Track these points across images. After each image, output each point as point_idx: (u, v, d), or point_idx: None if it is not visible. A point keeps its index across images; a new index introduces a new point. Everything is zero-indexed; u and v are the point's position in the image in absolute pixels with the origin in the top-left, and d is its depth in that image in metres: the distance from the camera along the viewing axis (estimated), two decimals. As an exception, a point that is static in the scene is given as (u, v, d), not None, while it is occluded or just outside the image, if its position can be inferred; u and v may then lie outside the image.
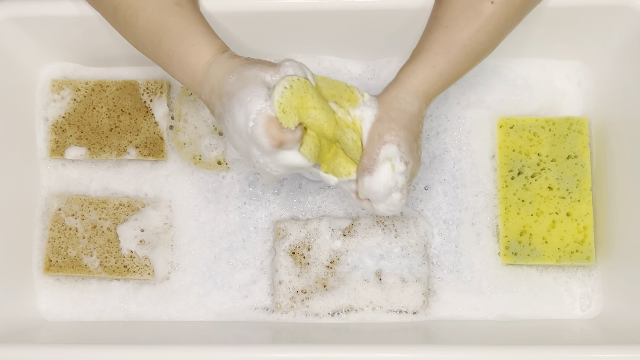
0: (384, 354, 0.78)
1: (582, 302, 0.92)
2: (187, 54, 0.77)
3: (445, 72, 0.78)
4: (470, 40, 0.78)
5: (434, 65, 0.78)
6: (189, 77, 0.78)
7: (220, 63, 0.76)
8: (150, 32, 0.79)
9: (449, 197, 0.94)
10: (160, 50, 0.79)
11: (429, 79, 0.78)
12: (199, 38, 0.78)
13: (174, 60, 0.79)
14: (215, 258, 0.94)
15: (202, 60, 0.77)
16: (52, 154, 0.96)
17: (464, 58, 0.78)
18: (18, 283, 0.92)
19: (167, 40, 0.78)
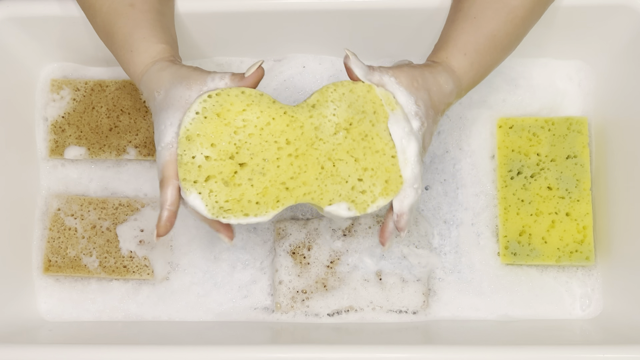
0: (384, 354, 0.78)
1: (582, 302, 0.92)
2: (126, 60, 0.77)
3: (476, 62, 0.78)
4: (498, 31, 0.78)
5: (465, 54, 0.77)
6: (132, 79, 0.78)
7: (150, 76, 0.75)
8: (104, 31, 0.79)
9: (449, 197, 0.94)
10: (111, 50, 0.80)
11: (462, 65, 0.77)
12: (137, 44, 0.76)
13: (119, 62, 0.79)
14: (215, 258, 0.94)
15: (137, 68, 0.76)
16: (51, 153, 0.96)
17: (493, 49, 0.78)
18: (18, 283, 0.92)
19: (114, 42, 0.78)
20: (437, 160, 0.95)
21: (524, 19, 0.79)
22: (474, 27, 0.78)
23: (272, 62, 0.98)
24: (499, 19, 0.78)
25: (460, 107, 0.96)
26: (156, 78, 0.74)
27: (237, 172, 0.70)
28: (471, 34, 0.78)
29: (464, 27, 0.78)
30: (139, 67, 0.76)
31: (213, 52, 0.96)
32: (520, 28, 0.79)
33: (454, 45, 0.78)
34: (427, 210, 0.94)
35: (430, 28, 0.89)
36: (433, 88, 0.74)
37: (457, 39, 0.78)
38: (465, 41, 0.77)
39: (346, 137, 0.71)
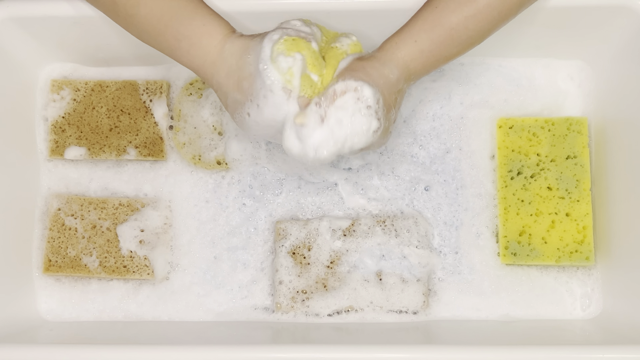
0: (384, 354, 0.78)
1: (583, 302, 0.92)
2: (198, 35, 0.77)
3: (427, 50, 0.78)
4: (457, 25, 0.78)
5: (416, 40, 0.78)
6: (200, 58, 0.78)
7: (233, 43, 0.76)
8: (154, 18, 0.78)
9: (449, 197, 0.94)
10: (166, 35, 0.78)
11: (410, 52, 0.78)
12: (208, 18, 0.77)
13: (182, 42, 0.78)
14: (215, 258, 0.94)
15: (214, 39, 0.77)
16: (51, 154, 0.96)
17: (449, 41, 0.78)
18: (18, 283, 0.92)
19: (174, 23, 0.78)
20: (438, 161, 0.95)
21: (490, 19, 0.79)
22: (433, 15, 0.78)
23: (272, 62, 0.98)
24: (460, 14, 0.78)
25: (461, 108, 0.96)
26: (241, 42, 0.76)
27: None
28: (428, 22, 0.78)
29: (423, 15, 0.79)
30: (216, 38, 0.77)
31: (213, 52, 0.96)
32: (485, 26, 0.79)
33: (407, 31, 0.79)
34: (427, 210, 0.94)
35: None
36: (380, 81, 0.76)
37: (413, 26, 0.79)
38: (419, 29, 0.78)
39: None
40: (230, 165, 0.95)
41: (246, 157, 0.95)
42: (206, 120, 0.95)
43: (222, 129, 0.95)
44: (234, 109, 0.77)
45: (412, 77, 0.79)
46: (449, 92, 0.97)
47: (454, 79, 0.97)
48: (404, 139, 0.96)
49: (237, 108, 0.77)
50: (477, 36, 0.80)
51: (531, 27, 0.89)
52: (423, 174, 0.95)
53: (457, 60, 0.96)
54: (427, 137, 0.96)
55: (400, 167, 0.95)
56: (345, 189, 0.95)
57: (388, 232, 0.92)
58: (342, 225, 0.92)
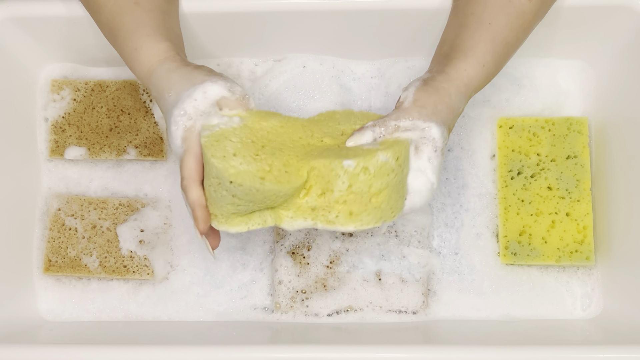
0: (383, 354, 0.78)
1: (583, 302, 0.92)
2: (131, 57, 0.77)
3: (491, 71, 0.77)
4: (512, 38, 0.77)
5: (484, 65, 0.76)
6: (137, 77, 0.78)
7: (159, 76, 0.75)
8: (108, 28, 0.80)
9: (450, 197, 0.94)
10: (115, 47, 0.80)
11: (478, 77, 0.76)
12: (142, 41, 0.77)
13: (124, 60, 0.79)
14: (215, 258, 0.94)
15: (142, 66, 0.76)
16: (51, 154, 0.96)
17: (505, 56, 0.78)
18: (18, 283, 0.92)
19: (119, 39, 0.78)
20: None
21: (532, 23, 0.79)
22: (490, 34, 0.76)
23: (272, 62, 0.98)
24: (512, 25, 0.77)
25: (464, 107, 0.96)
26: (166, 79, 0.74)
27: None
28: (489, 43, 0.76)
29: (481, 34, 0.77)
30: (145, 65, 0.76)
31: (214, 53, 0.96)
32: (528, 32, 0.80)
33: (472, 55, 0.76)
34: (427, 210, 0.94)
35: (431, 28, 0.89)
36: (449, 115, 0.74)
37: (476, 49, 0.76)
38: (484, 51, 0.76)
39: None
40: (230, 165, 0.95)
41: (246, 157, 0.95)
42: (206, 120, 0.95)
43: (222, 129, 0.95)
44: None
45: (470, 93, 0.78)
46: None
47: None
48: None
49: None
50: (521, 44, 0.80)
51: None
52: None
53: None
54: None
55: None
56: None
57: (387, 232, 0.92)
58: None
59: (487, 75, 0.77)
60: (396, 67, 0.97)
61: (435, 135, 0.72)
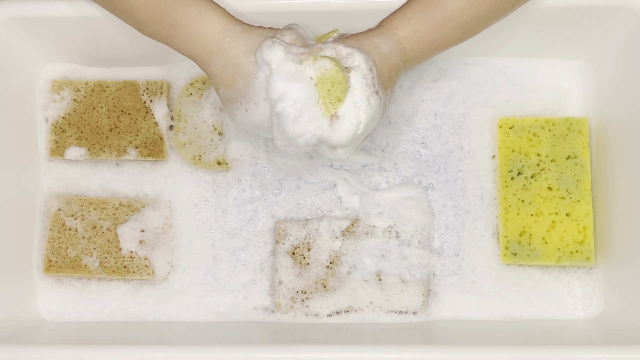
0: (384, 354, 0.78)
1: (584, 302, 0.92)
2: (194, 23, 0.75)
3: (421, 30, 0.78)
4: (452, 8, 0.77)
5: (410, 19, 0.78)
6: (197, 47, 0.76)
7: (235, 37, 0.74)
8: (151, 8, 0.77)
9: (450, 198, 0.94)
10: (163, 24, 0.77)
11: (404, 30, 0.77)
12: (204, 5, 0.75)
13: (179, 31, 0.76)
14: (215, 258, 0.94)
15: (211, 29, 0.75)
16: (51, 154, 0.96)
17: (443, 23, 0.78)
18: (18, 283, 0.92)
19: (170, 11, 0.76)
20: (440, 161, 0.95)
21: (487, 6, 0.78)
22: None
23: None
24: None
25: (464, 107, 0.96)
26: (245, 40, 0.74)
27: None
28: (423, 2, 0.78)
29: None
30: (213, 27, 0.75)
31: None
32: (481, 12, 0.79)
33: (401, 10, 0.79)
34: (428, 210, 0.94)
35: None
36: (372, 50, 0.75)
37: (407, 6, 0.79)
38: (413, 8, 0.78)
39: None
40: (230, 165, 0.95)
41: (246, 157, 0.95)
42: (206, 121, 0.95)
43: (222, 129, 0.95)
44: (224, 102, 0.77)
45: (407, 57, 0.78)
46: (452, 92, 0.97)
47: (457, 78, 0.97)
48: (406, 137, 0.96)
49: (226, 102, 0.77)
50: (473, 22, 0.79)
51: (533, 26, 0.89)
52: (425, 173, 0.95)
53: (460, 59, 0.97)
54: (430, 136, 0.96)
55: (402, 165, 0.95)
56: (344, 189, 0.94)
57: (388, 232, 0.92)
58: (342, 226, 0.92)
59: (415, 32, 0.78)
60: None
61: (360, 63, 0.73)
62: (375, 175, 0.95)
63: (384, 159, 0.95)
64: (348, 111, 0.74)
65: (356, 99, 0.74)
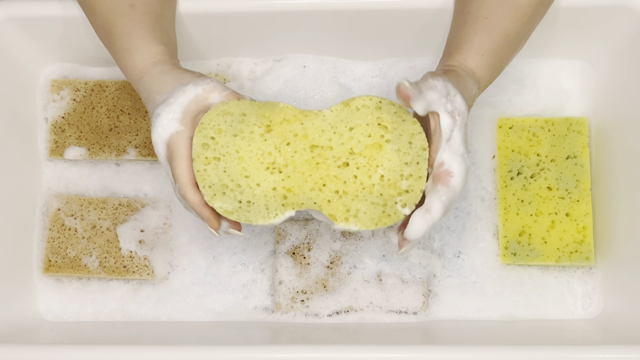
0: (384, 354, 0.78)
1: (584, 302, 0.92)
2: (124, 58, 0.78)
3: (492, 62, 0.78)
4: (510, 30, 0.78)
5: (482, 54, 0.77)
6: (128, 79, 0.79)
7: (151, 78, 0.76)
8: (102, 30, 0.80)
9: (449, 197, 0.94)
10: (109, 49, 0.80)
11: (480, 67, 0.77)
12: (137, 43, 0.77)
13: (117, 62, 0.79)
14: (215, 258, 0.94)
15: (135, 68, 0.77)
16: (51, 154, 0.96)
17: (506, 49, 0.78)
18: (18, 283, 0.92)
19: (113, 41, 0.79)
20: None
21: (532, 17, 0.79)
22: (486, 27, 0.77)
23: (272, 62, 0.98)
24: (510, 18, 0.78)
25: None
26: (157, 81, 0.75)
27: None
28: (485, 34, 0.77)
29: (477, 27, 0.78)
30: (137, 67, 0.77)
31: (213, 53, 0.96)
32: (529, 26, 0.80)
33: (469, 47, 0.77)
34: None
35: (432, 28, 0.89)
36: (465, 94, 0.74)
37: (473, 40, 0.77)
38: (480, 42, 0.77)
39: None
40: (230, 165, 0.95)
41: (246, 157, 0.95)
42: (206, 120, 0.95)
43: (222, 129, 0.95)
44: None
45: (480, 93, 0.78)
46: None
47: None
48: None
49: None
50: (524, 38, 0.80)
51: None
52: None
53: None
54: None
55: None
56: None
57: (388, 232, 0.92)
58: (342, 226, 0.92)
59: (488, 66, 0.77)
60: (398, 67, 0.97)
61: (461, 106, 0.72)
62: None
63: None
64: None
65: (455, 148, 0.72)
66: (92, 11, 0.81)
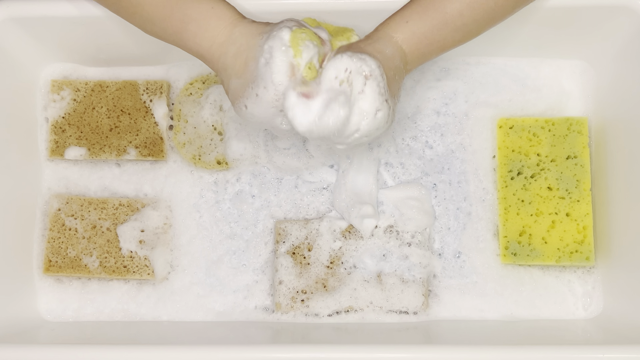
0: (384, 354, 0.78)
1: (584, 301, 0.92)
2: (206, 17, 0.77)
3: (419, 32, 0.77)
4: (452, 10, 0.77)
5: (407, 21, 0.77)
6: (208, 40, 0.77)
7: (245, 26, 0.76)
8: (160, 4, 0.78)
9: (450, 198, 0.94)
10: (172, 20, 0.78)
11: (402, 33, 0.77)
12: (216, 1, 0.78)
13: (190, 25, 0.77)
14: (215, 258, 0.94)
15: (223, 21, 0.77)
16: (51, 154, 0.96)
17: (442, 25, 0.78)
18: (18, 283, 0.92)
19: (181, 6, 0.77)
20: (441, 160, 0.95)
21: (486, 9, 0.78)
22: (426, 0, 0.78)
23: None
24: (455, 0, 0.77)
25: (466, 106, 0.96)
26: (254, 26, 0.76)
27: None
28: (421, 4, 0.78)
29: (412, 2, 0.79)
30: (225, 19, 0.77)
31: (213, 53, 0.96)
32: (480, 15, 0.78)
33: (399, 13, 0.78)
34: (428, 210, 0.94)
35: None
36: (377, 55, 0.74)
37: (404, 9, 0.78)
38: (411, 10, 0.78)
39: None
40: (230, 165, 0.95)
41: (246, 157, 0.95)
42: (206, 120, 0.95)
43: (222, 129, 0.95)
44: (234, 96, 0.77)
45: (407, 59, 0.78)
46: (454, 91, 0.97)
47: (459, 77, 0.97)
48: (408, 135, 0.96)
49: (237, 95, 0.76)
50: (472, 25, 0.79)
51: (535, 27, 0.90)
52: (426, 172, 0.95)
53: (462, 59, 0.97)
54: (431, 135, 0.96)
55: (405, 163, 0.95)
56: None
57: (388, 232, 0.92)
58: (342, 226, 0.92)
59: (413, 34, 0.77)
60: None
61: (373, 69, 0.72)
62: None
63: (389, 155, 0.95)
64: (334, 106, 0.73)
65: (365, 107, 0.73)
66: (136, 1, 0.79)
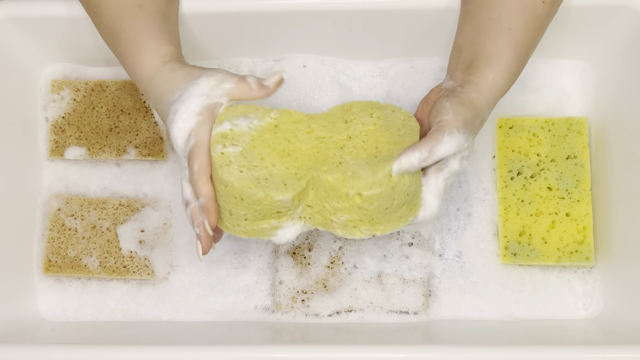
0: (384, 354, 0.78)
1: (585, 301, 0.92)
2: (133, 59, 0.78)
3: (515, 77, 0.77)
4: (529, 41, 0.77)
5: (510, 72, 0.76)
6: (136, 81, 0.79)
7: (163, 76, 0.76)
8: (110, 30, 0.80)
9: (450, 199, 0.94)
10: (115, 49, 0.80)
11: (505, 85, 0.76)
12: (146, 44, 0.77)
13: (124, 62, 0.79)
14: (215, 258, 0.94)
15: (144, 68, 0.77)
16: (51, 154, 0.96)
17: (525, 60, 0.78)
18: (18, 283, 0.92)
19: (121, 41, 0.79)
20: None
21: (545, 25, 0.79)
22: (512, 39, 0.76)
23: (272, 62, 0.98)
24: (529, 29, 0.77)
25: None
26: (169, 79, 0.75)
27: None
28: (511, 48, 0.76)
29: (502, 40, 0.76)
30: (146, 68, 0.77)
31: (213, 53, 0.96)
32: (542, 33, 0.80)
33: (498, 63, 0.76)
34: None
35: (434, 29, 0.89)
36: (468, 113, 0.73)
37: (501, 56, 0.76)
38: (508, 58, 0.76)
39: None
40: (230, 165, 0.95)
41: (246, 157, 0.95)
42: (206, 120, 0.95)
43: (222, 129, 0.95)
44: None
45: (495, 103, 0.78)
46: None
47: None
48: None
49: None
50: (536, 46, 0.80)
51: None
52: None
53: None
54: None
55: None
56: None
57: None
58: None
59: (511, 82, 0.77)
60: (399, 67, 0.97)
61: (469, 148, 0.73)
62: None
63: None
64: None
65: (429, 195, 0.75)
66: (98, 10, 0.81)
